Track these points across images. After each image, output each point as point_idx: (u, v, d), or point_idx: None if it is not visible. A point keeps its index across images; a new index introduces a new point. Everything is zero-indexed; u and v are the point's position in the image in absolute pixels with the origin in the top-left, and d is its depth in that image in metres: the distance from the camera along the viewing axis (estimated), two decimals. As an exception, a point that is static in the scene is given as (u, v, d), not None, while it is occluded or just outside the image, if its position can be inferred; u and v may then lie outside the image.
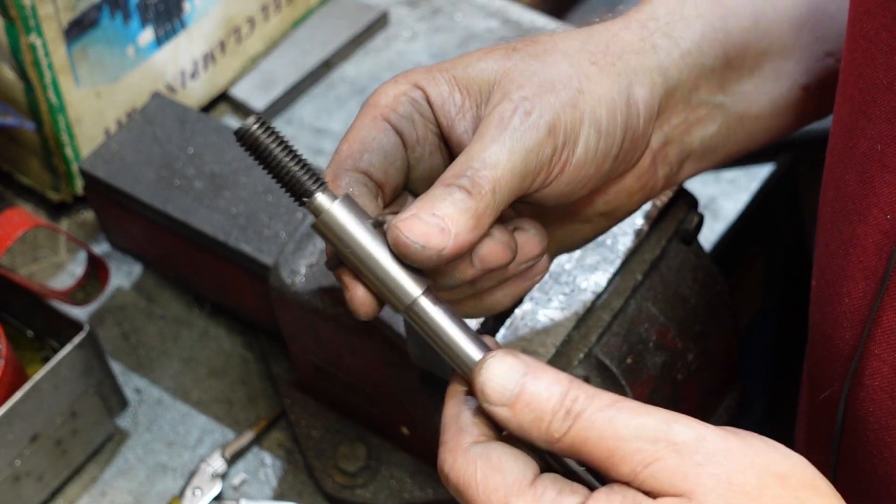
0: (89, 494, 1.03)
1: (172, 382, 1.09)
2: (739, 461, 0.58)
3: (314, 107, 1.28)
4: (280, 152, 0.64)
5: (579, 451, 0.60)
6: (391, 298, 0.66)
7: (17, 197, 1.22)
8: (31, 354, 1.05)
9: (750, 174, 1.21)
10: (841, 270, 0.75)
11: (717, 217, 1.17)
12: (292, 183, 0.64)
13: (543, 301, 0.83)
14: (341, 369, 0.96)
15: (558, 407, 0.60)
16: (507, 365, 0.62)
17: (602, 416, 0.59)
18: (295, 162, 0.64)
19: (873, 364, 0.73)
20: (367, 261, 0.65)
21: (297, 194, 0.65)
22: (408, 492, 0.98)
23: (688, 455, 0.58)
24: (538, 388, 0.61)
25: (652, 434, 0.58)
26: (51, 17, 1.05)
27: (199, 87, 1.24)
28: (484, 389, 0.62)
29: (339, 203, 0.64)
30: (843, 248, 0.75)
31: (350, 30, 1.31)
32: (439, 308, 0.65)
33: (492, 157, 0.66)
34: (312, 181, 0.64)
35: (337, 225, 0.64)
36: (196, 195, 1.02)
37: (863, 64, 0.71)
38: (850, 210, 0.74)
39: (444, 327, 0.65)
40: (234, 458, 1.04)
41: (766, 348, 1.46)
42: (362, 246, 0.65)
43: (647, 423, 0.59)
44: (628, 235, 0.86)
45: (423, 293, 0.65)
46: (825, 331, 0.78)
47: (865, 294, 0.73)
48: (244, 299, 1.05)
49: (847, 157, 0.74)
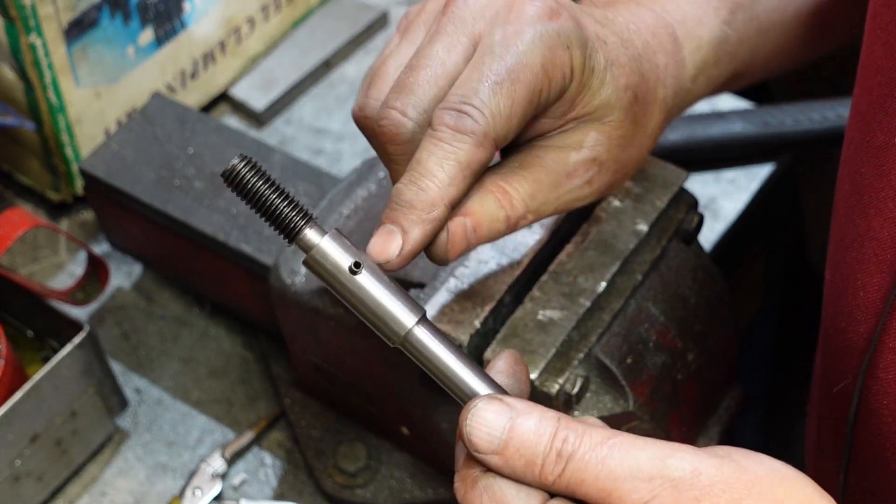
0: (89, 494, 1.03)
1: (172, 382, 1.09)
2: (737, 491, 0.57)
3: (314, 107, 1.28)
4: (267, 191, 0.64)
5: (575, 492, 0.59)
6: (385, 331, 0.65)
7: (17, 197, 1.22)
8: (31, 354, 1.05)
9: (750, 174, 1.21)
10: (856, 263, 0.75)
11: (717, 217, 1.17)
12: (281, 220, 0.64)
13: (543, 301, 0.83)
14: (341, 369, 0.97)
15: (548, 449, 0.60)
16: (493, 410, 0.61)
17: (595, 456, 0.59)
18: (282, 199, 0.64)
19: (888, 357, 0.73)
20: (358, 295, 0.65)
21: (286, 231, 0.64)
22: (408, 492, 0.98)
23: (684, 490, 0.57)
24: (526, 432, 0.60)
25: (647, 472, 0.58)
26: (51, 17, 1.05)
27: (199, 87, 1.24)
28: (471, 440, 0.61)
29: (329, 238, 0.64)
30: (858, 241, 0.75)
31: (350, 30, 1.31)
32: (434, 338, 0.65)
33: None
34: (301, 217, 0.64)
35: (327, 260, 0.64)
36: (196, 195, 1.02)
37: (881, 57, 0.71)
38: (866, 203, 0.74)
39: (441, 357, 0.65)
40: (234, 458, 1.04)
41: (766, 348, 1.46)
42: (353, 280, 0.64)
43: (641, 459, 0.58)
44: (628, 235, 0.86)
45: (416, 323, 0.65)
46: (839, 324, 0.78)
47: (881, 287, 0.73)
48: (244, 299, 1.05)
49: (863, 151, 0.74)
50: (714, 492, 0.57)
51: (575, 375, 0.79)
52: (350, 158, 1.23)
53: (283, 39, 1.30)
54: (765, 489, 0.58)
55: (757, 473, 0.58)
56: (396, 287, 0.65)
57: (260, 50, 1.29)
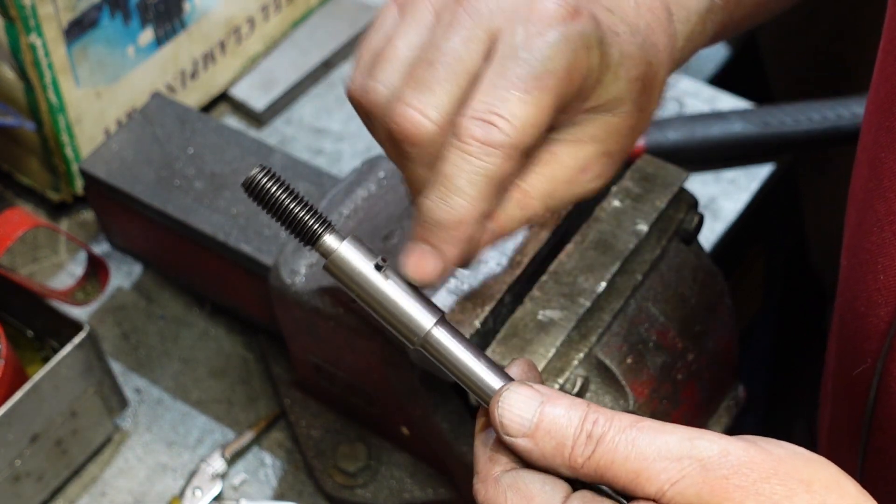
0: (89, 494, 1.03)
1: (172, 382, 1.09)
2: (764, 471, 0.58)
3: (314, 107, 1.28)
4: (286, 199, 0.65)
5: (604, 474, 0.60)
6: (405, 333, 0.66)
7: (17, 197, 1.22)
8: (31, 354, 1.05)
9: (750, 174, 1.21)
10: (875, 247, 0.75)
11: (717, 217, 1.17)
12: (300, 228, 0.65)
13: (543, 301, 0.83)
14: (341, 369, 0.96)
15: (579, 431, 0.60)
16: (524, 395, 0.62)
17: (624, 438, 0.59)
18: (301, 207, 0.65)
19: None
20: (377, 297, 0.65)
21: (306, 238, 0.65)
22: (408, 492, 0.98)
23: (713, 470, 0.58)
24: (557, 415, 0.61)
25: (676, 452, 0.58)
26: (51, 17, 1.05)
27: (199, 87, 1.24)
28: (502, 422, 0.61)
29: (347, 243, 0.65)
30: (878, 225, 0.75)
31: (350, 30, 1.31)
32: (454, 338, 0.66)
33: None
34: (320, 224, 0.65)
35: (346, 265, 0.65)
36: (196, 195, 1.02)
37: None
38: (886, 187, 0.74)
39: (460, 357, 0.65)
40: (234, 458, 1.04)
41: (766, 348, 1.46)
42: (372, 283, 0.65)
43: (670, 441, 0.59)
44: (628, 235, 0.86)
45: (435, 324, 0.65)
46: (858, 308, 0.78)
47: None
48: (244, 299, 1.05)
49: (883, 136, 0.74)
50: (742, 471, 0.57)
51: (575, 375, 0.79)
52: (350, 158, 1.23)
53: (283, 39, 1.30)
54: (791, 469, 0.58)
55: (782, 456, 0.59)
56: (414, 289, 0.66)
57: (260, 50, 1.29)
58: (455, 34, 0.67)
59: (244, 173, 1.02)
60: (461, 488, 0.96)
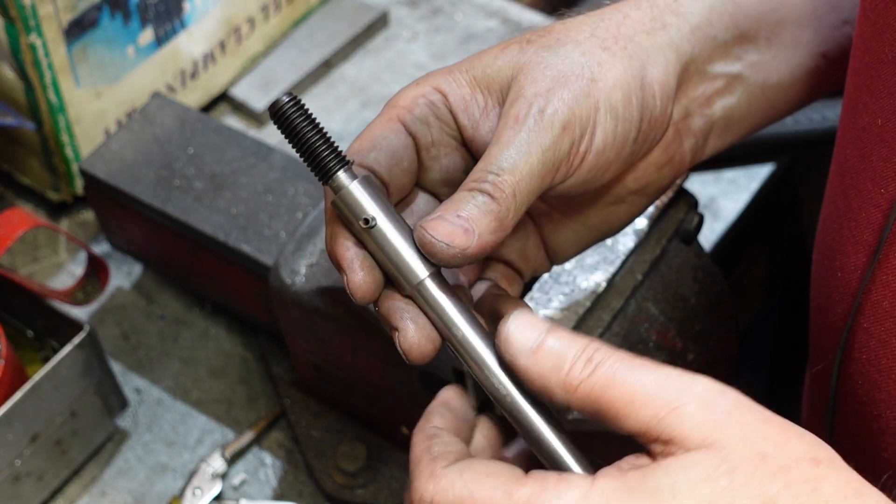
0: (89, 494, 1.03)
1: (172, 382, 1.09)
2: (764, 413, 0.58)
3: (314, 107, 1.27)
4: (308, 131, 0.66)
5: (598, 398, 0.60)
6: (399, 277, 0.67)
7: (17, 197, 1.22)
8: (31, 354, 1.05)
9: (750, 174, 1.21)
10: (836, 245, 0.76)
11: (717, 217, 1.17)
12: (316, 161, 0.67)
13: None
14: (341, 369, 0.97)
15: (580, 354, 0.61)
16: (533, 320, 0.63)
17: (624, 366, 0.60)
18: (321, 141, 0.67)
19: (861, 338, 0.73)
20: (377, 240, 0.67)
21: (321, 172, 0.67)
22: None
23: (713, 405, 0.58)
24: (560, 338, 0.62)
25: (675, 384, 0.59)
26: (51, 17, 1.05)
27: (199, 87, 1.24)
28: (508, 338, 0.62)
29: (359, 182, 0.66)
30: (838, 223, 0.76)
31: (350, 30, 1.31)
32: (445, 293, 0.66)
33: (509, 160, 0.67)
34: (335, 160, 0.67)
35: (354, 201, 0.66)
36: (196, 195, 1.02)
37: (870, 38, 0.71)
38: (848, 185, 0.74)
39: (448, 310, 0.66)
40: (234, 458, 1.04)
41: (766, 348, 1.46)
42: (372, 228, 0.67)
43: (670, 374, 0.59)
44: (628, 235, 0.86)
45: (430, 275, 0.66)
46: (822, 304, 0.79)
47: (857, 268, 0.73)
48: (244, 299, 1.05)
49: (849, 133, 0.74)
50: (742, 408, 0.58)
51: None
52: (350, 158, 1.23)
53: (283, 39, 1.30)
54: (786, 422, 0.59)
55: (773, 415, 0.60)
56: (414, 242, 0.67)
57: (260, 50, 1.29)
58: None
59: (244, 173, 1.03)
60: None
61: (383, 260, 0.67)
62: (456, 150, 0.73)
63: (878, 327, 0.72)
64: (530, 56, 0.71)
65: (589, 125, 0.70)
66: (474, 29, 1.33)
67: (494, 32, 1.32)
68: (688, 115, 0.77)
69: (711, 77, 0.77)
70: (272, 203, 1.01)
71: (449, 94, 0.72)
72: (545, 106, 0.68)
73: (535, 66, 0.71)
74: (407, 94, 0.72)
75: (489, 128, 0.71)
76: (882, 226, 0.71)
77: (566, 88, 0.69)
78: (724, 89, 0.78)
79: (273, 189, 1.01)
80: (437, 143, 0.72)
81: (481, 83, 0.72)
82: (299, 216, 0.99)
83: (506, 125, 0.69)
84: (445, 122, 0.72)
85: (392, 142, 0.71)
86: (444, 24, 1.34)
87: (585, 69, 0.70)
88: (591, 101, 0.70)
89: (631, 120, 0.71)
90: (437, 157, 0.73)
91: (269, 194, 1.01)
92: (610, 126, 0.70)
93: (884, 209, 0.71)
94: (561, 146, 0.69)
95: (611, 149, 0.71)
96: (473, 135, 0.72)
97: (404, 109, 0.71)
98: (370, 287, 0.67)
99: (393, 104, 0.72)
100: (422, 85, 0.72)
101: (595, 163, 0.71)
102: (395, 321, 0.67)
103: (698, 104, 0.77)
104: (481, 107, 0.72)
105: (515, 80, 0.71)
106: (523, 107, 0.69)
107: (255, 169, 1.03)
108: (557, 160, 0.69)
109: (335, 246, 0.68)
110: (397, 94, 0.73)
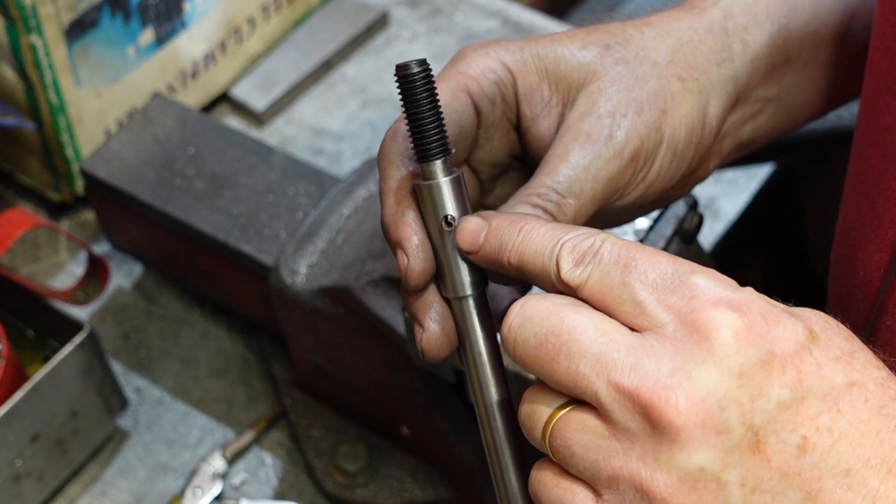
0: (89, 494, 1.03)
1: (173, 382, 1.09)
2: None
3: (314, 107, 1.28)
4: (427, 107, 0.64)
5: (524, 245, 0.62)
6: (448, 280, 0.66)
7: (17, 197, 1.22)
8: (32, 354, 1.05)
9: (750, 174, 1.21)
10: (858, 244, 0.76)
11: (717, 217, 1.17)
12: (422, 139, 0.65)
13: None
14: (341, 369, 0.97)
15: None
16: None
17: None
18: (434, 123, 0.65)
19: (884, 336, 0.73)
20: (443, 240, 0.66)
21: (421, 151, 0.65)
22: (408, 492, 0.98)
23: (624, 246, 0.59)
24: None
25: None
26: (51, 17, 1.05)
27: (199, 87, 1.24)
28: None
29: (449, 181, 0.65)
30: (860, 222, 0.75)
31: (350, 30, 1.31)
32: (483, 316, 0.66)
33: (577, 185, 0.67)
34: (440, 147, 0.65)
35: (438, 197, 0.65)
36: (196, 195, 1.02)
37: (890, 39, 0.71)
38: (870, 185, 0.74)
39: (478, 334, 0.66)
40: (235, 457, 1.04)
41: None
42: (442, 227, 0.66)
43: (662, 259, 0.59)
44: (628, 236, 0.86)
45: (478, 295, 0.66)
46: (842, 303, 0.78)
47: (879, 266, 0.73)
48: (244, 299, 1.05)
49: (870, 133, 0.74)
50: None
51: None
52: (350, 158, 1.23)
53: (283, 39, 1.31)
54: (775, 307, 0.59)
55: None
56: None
57: (260, 50, 1.29)
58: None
59: (244, 173, 1.03)
60: (461, 488, 0.96)
61: (441, 257, 0.66)
62: (508, 134, 0.72)
63: None
64: (608, 67, 0.71)
65: (651, 158, 0.70)
66: (474, 29, 1.33)
67: (494, 32, 1.32)
68: (723, 137, 0.77)
69: (752, 102, 0.77)
70: (272, 203, 1.01)
71: (518, 78, 0.71)
72: (617, 131, 0.69)
73: (611, 81, 0.70)
74: (477, 62, 0.71)
75: (548, 125, 0.71)
76: None
77: (640, 118, 0.69)
78: (759, 112, 0.78)
79: (273, 189, 1.01)
80: (496, 125, 0.72)
81: (551, 76, 0.71)
82: (299, 216, 0.99)
83: (575, 140, 0.68)
84: (509, 106, 0.71)
85: (461, 116, 0.70)
86: (444, 24, 1.34)
87: (660, 99, 0.71)
88: (658, 136, 0.70)
89: (686, 157, 0.72)
90: (491, 138, 0.72)
91: (270, 194, 1.01)
92: (667, 161, 0.71)
93: None
94: (625, 176, 0.69)
95: (661, 181, 0.72)
96: (530, 126, 0.71)
97: (474, 81, 0.70)
98: (424, 277, 0.66)
99: (462, 71, 0.70)
100: (492, 56, 0.71)
101: (643, 191, 0.71)
102: (424, 320, 0.67)
103: (734, 127, 0.77)
104: (545, 100, 0.71)
105: (587, 88, 0.70)
106: (596, 126, 0.69)
107: (256, 169, 1.03)
108: (619, 189, 0.69)
109: (401, 225, 0.67)
110: (465, 58, 0.71)
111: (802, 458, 0.55)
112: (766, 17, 0.77)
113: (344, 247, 0.91)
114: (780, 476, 0.55)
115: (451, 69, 0.71)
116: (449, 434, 0.91)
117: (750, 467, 0.55)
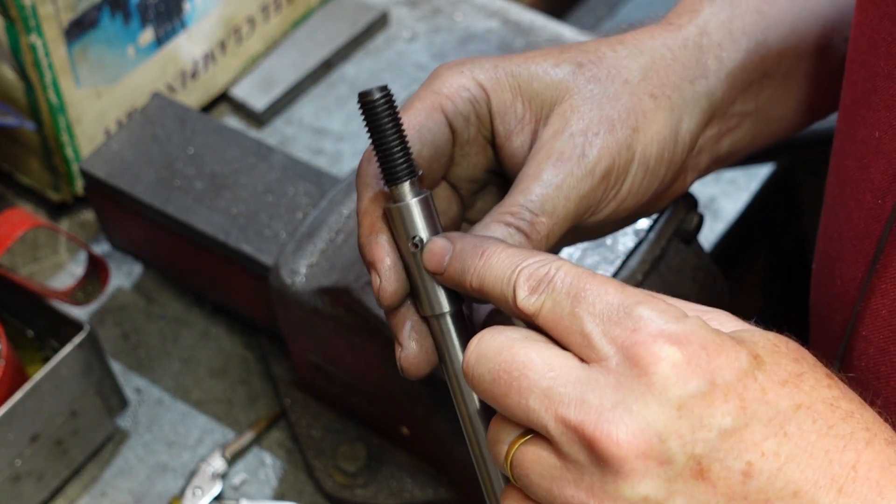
0: (89, 494, 1.03)
1: (172, 382, 1.09)
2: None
3: (314, 107, 1.28)
4: (390, 131, 0.65)
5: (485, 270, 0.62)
6: (424, 300, 0.67)
7: (17, 197, 1.22)
8: (32, 354, 1.05)
9: (750, 174, 1.21)
10: (836, 253, 0.76)
11: (717, 217, 1.17)
12: (388, 162, 0.66)
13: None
14: (341, 369, 0.97)
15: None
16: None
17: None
18: (399, 146, 0.65)
19: (860, 345, 0.74)
20: (414, 260, 0.66)
21: (388, 174, 0.66)
22: (408, 492, 0.98)
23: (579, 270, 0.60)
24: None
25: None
26: (51, 17, 1.05)
27: (199, 87, 1.24)
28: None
29: (419, 201, 0.66)
30: (838, 231, 0.76)
31: (350, 30, 1.31)
32: (460, 333, 0.67)
33: (549, 204, 0.68)
34: (406, 169, 0.66)
35: (407, 218, 0.66)
36: (196, 195, 1.02)
37: (866, 52, 0.71)
38: (847, 195, 0.75)
39: (457, 351, 0.67)
40: (235, 458, 1.04)
41: (766, 348, 1.46)
42: (414, 249, 0.66)
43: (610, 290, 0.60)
44: (628, 235, 0.86)
45: (454, 311, 0.67)
46: (821, 312, 0.79)
47: (855, 277, 0.74)
48: (244, 299, 1.05)
49: (848, 144, 0.75)
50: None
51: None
52: (350, 158, 1.23)
53: (283, 39, 1.31)
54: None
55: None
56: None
57: (260, 50, 1.29)
58: None
59: (244, 173, 1.03)
60: (461, 488, 0.96)
61: (415, 277, 0.67)
62: (485, 150, 0.73)
63: (876, 335, 0.72)
64: (581, 85, 0.71)
65: (622, 175, 0.71)
66: (474, 29, 1.33)
67: (494, 33, 1.32)
68: (699, 152, 0.77)
69: (729, 117, 0.78)
70: (272, 203, 1.01)
71: (491, 96, 0.71)
72: (589, 150, 0.69)
73: (584, 99, 0.71)
74: (451, 80, 0.71)
75: (522, 141, 0.72)
76: (880, 235, 0.71)
77: (612, 136, 0.70)
78: (736, 126, 0.79)
79: (273, 189, 1.01)
80: (472, 142, 0.72)
81: (525, 93, 0.72)
82: (299, 216, 0.99)
83: (548, 159, 0.69)
84: (483, 124, 0.72)
85: (436, 136, 0.70)
86: (444, 24, 1.34)
87: (631, 117, 0.71)
88: (630, 153, 0.71)
89: (658, 174, 0.73)
90: (467, 155, 0.73)
91: (269, 194, 1.01)
92: (639, 177, 0.72)
93: (882, 219, 0.71)
94: (597, 193, 0.70)
95: (633, 198, 0.72)
96: (504, 143, 0.72)
97: (448, 100, 0.71)
98: (397, 297, 0.67)
99: (436, 90, 0.71)
100: (466, 74, 0.71)
101: (616, 208, 0.72)
102: (402, 338, 0.68)
103: (711, 142, 0.78)
104: (518, 117, 0.72)
105: (560, 106, 0.71)
106: (568, 144, 0.69)
107: (255, 169, 1.03)
108: (591, 206, 0.70)
109: (374, 247, 0.68)
110: (439, 77, 0.72)
111: (748, 483, 0.55)
112: (742, 33, 0.77)
113: (344, 247, 0.91)
114: (726, 501, 0.56)
115: (426, 88, 0.72)
116: (449, 434, 0.91)
117: (695, 493, 0.56)
